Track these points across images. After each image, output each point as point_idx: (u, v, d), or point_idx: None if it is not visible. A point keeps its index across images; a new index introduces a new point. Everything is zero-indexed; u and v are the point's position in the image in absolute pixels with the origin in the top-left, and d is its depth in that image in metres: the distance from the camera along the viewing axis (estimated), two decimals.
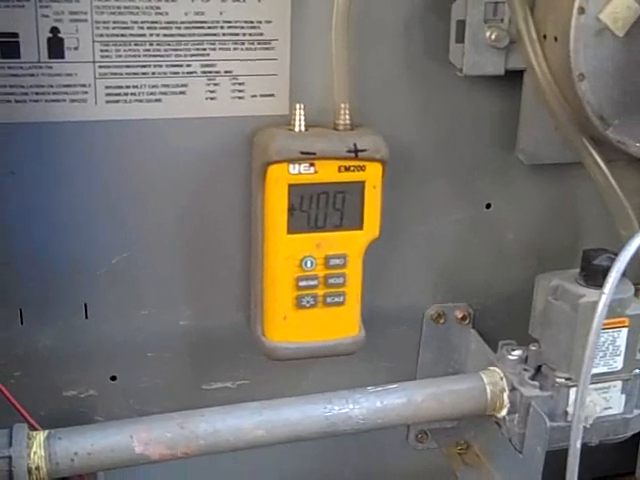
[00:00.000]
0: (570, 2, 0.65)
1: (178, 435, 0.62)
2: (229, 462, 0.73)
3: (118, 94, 0.66)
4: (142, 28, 0.65)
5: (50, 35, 0.63)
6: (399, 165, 0.72)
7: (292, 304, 0.69)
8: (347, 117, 0.68)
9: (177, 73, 0.67)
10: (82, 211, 0.69)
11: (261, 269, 0.69)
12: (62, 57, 0.64)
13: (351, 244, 0.69)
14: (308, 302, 0.69)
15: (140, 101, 0.67)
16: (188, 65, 0.67)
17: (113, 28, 0.65)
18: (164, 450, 0.61)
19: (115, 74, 0.66)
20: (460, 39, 0.70)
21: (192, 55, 0.67)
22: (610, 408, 0.69)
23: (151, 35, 0.66)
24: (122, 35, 0.65)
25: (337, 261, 0.69)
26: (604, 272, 0.63)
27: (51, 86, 0.64)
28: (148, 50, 0.66)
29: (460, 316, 0.80)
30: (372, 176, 0.68)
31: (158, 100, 0.67)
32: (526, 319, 0.71)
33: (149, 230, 0.70)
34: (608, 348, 0.68)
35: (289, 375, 0.76)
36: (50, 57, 0.64)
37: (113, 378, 0.74)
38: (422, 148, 0.75)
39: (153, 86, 0.67)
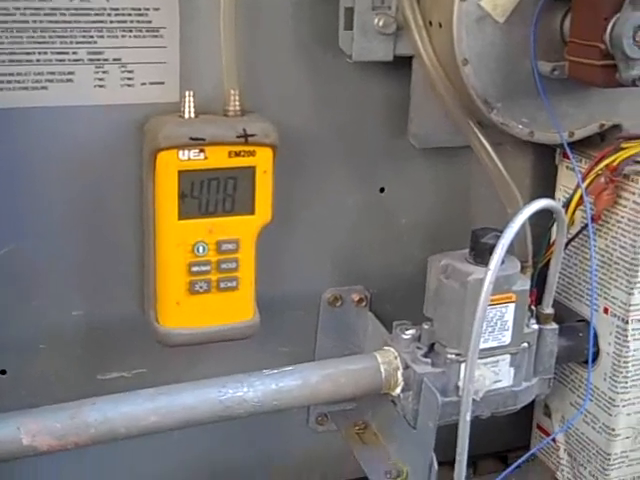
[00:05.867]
0: None
1: (68, 425, 0.61)
2: (129, 451, 0.73)
3: (1, 81, 0.65)
4: (25, 15, 0.64)
5: None
6: (292, 150, 0.73)
7: (185, 290, 0.69)
8: (237, 103, 0.69)
9: (63, 60, 0.66)
10: None
11: (153, 255, 0.69)
12: None
13: (243, 229, 0.69)
14: (201, 287, 0.69)
15: (25, 89, 0.66)
16: (74, 52, 0.67)
17: None
18: (53, 441, 0.60)
19: None
20: (349, 26, 0.71)
21: (78, 42, 0.66)
22: (500, 381, 0.71)
23: (34, 22, 0.65)
24: (4, 22, 0.64)
25: (229, 246, 0.69)
26: (491, 250, 0.64)
27: None
28: (32, 37, 0.65)
29: (357, 299, 0.81)
30: (263, 161, 0.68)
31: (44, 88, 0.66)
32: (422, 300, 0.73)
33: (38, 220, 0.69)
34: (496, 323, 0.70)
35: (186, 362, 0.76)
36: None
37: (2, 372, 0.73)
38: (315, 133, 0.75)
39: (38, 73, 0.66)
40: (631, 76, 0.63)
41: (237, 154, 0.67)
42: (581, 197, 0.74)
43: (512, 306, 0.70)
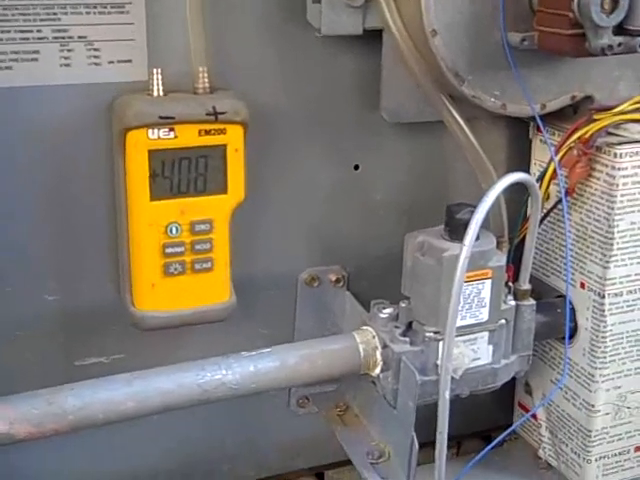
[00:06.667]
0: None
1: (45, 412, 0.60)
2: (104, 438, 0.72)
3: None
4: None
5: None
6: (264, 127, 0.72)
7: (160, 272, 0.68)
8: (206, 81, 0.68)
9: (27, 39, 0.65)
10: None
11: (127, 238, 0.68)
12: None
13: (216, 209, 0.68)
14: (176, 269, 0.68)
15: None
16: (39, 30, 0.65)
17: None
18: (31, 428, 0.59)
19: None
20: None
21: (42, 20, 0.65)
22: (478, 359, 0.71)
23: None
24: None
25: (203, 227, 0.68)
26: (465, 225, 0.64)
27: None
28: None
29: (334, 279, 0.80)
30: (233, 139, 0.67)
31: (8, 67, 0.65)
32: (400, 277, 0.72)
33: (6, 204, 0.68)
34: (473, 300, 0.69)
35: (165, 346, 0.74)
36: None
37: None
38: (286, 110, 0.75)
39: (2, 53, 0.64)
40: (600, 45, 0.62)
41: (207, 132, 0.66)
42: (554, 170, 0.73)
43: (488, 282, 0.69)
